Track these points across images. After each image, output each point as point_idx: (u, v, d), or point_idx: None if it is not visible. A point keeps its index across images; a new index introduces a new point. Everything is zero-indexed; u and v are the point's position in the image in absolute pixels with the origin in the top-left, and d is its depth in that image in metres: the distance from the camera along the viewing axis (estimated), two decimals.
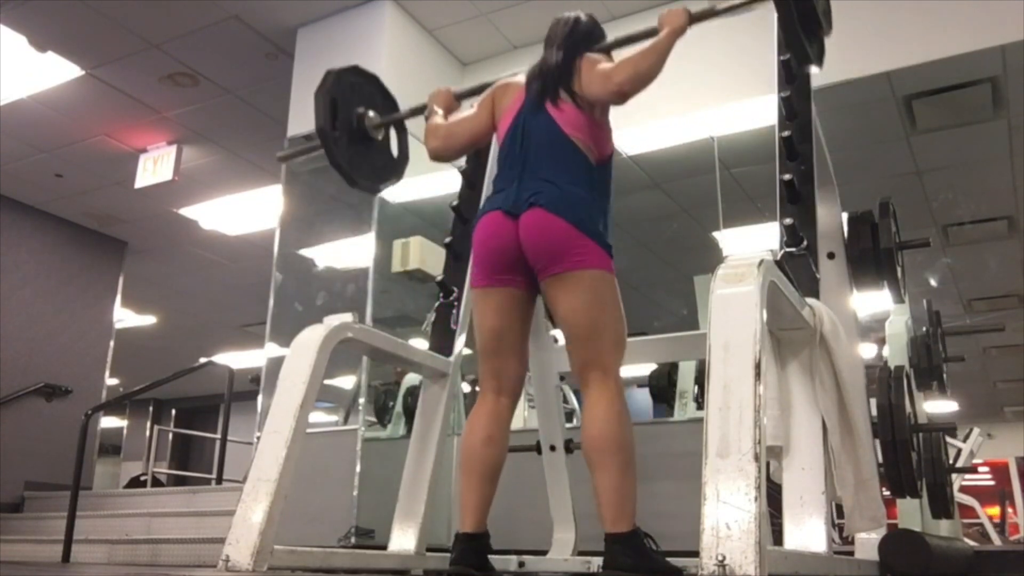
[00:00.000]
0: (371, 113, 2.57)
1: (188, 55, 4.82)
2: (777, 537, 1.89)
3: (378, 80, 2.69)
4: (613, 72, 1.97)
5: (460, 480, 2.01)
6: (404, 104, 2.63)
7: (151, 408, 12.83)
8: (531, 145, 2.05)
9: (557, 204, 1.93)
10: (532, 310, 2.11)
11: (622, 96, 1.96)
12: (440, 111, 2.35)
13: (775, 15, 2.34)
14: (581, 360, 1.94)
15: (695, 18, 2.06)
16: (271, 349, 4.22)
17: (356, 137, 2.53)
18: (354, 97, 2.55)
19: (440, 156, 2.29)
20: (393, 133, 2.70)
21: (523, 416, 3.87)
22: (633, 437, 1.85)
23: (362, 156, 2.55)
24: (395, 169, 2.71)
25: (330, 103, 2.43)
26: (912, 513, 2.85)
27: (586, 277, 1.92)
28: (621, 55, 2.07)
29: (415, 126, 2.57)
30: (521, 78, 2.20)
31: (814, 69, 2.25)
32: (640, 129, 4.11)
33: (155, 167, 5.79)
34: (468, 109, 2.33)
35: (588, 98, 2.03)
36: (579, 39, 2.12)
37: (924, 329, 3.42)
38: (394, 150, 2.71)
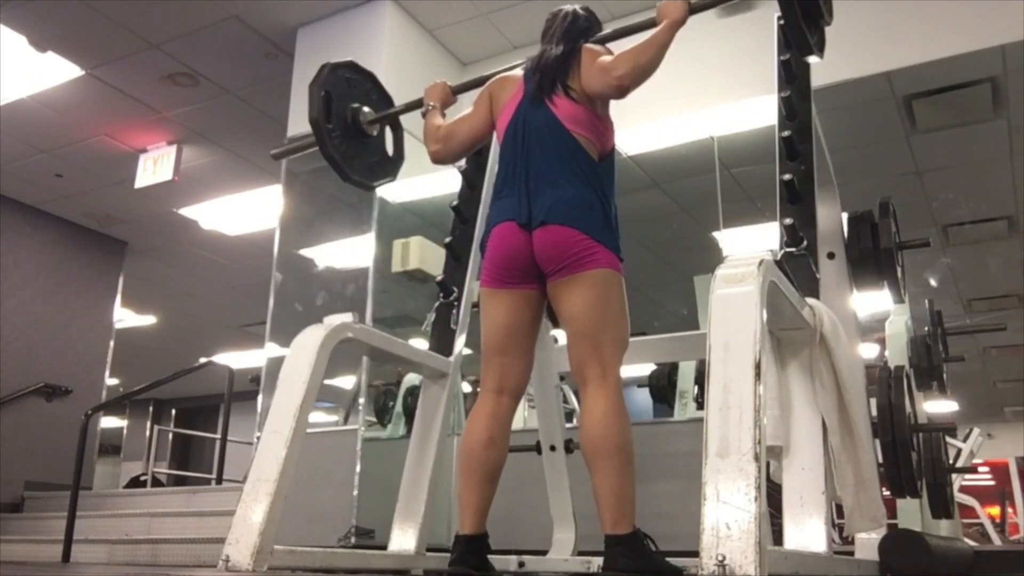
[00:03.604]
0: (366, 109, 2.56)
1: (188, 55, 4.82)
2: (777, 537, 1.89)
3: (374, 77, 2.67)
4: (613, 65, 1.95)
5: (460, 480, 2.01)
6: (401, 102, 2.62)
7: (151, 408, 12.83)
8: (533, 143, 2.03)
9: (567, 214, 1.93)
10: (542, 311, 2.09)
11: (622, 90, 1.95)
12: (437, 106, 2.33)
13: (775, 14, 2.35)
14: (580, 356, 1.92)
15: (695, 8, 2.04)
16: (271, 349, 4.21)
17: (350, 133, 2.52)
18: (349, 92, 2.54)
19: (441, 159, 2.26)
20: (389, 132, 2.69)
21: (523, 416, 3.87)
22: (631, 437, 1.84)
23: (356, 152, 2.54)
24: (390, 167, 2.69)
25: (324, 96, 2.43)
26: (912, 513, 2.85)
27: (592, 276, 1.92)
28: (621, 47, 2.04)
29: (414, 126, 2.56)
30: (519, 72, 2.18)
31: (815, 59, 2.24)
32: (640, 129, 4.11)
33: (155, 167, 5.80)
34: (466, 108, 2.31)
35: (588, 92, 2.02)
36: (578, 33, 2.11)
37: (926, 329, 3.42)
38: (389, 148, 2.69)
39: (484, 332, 2.09)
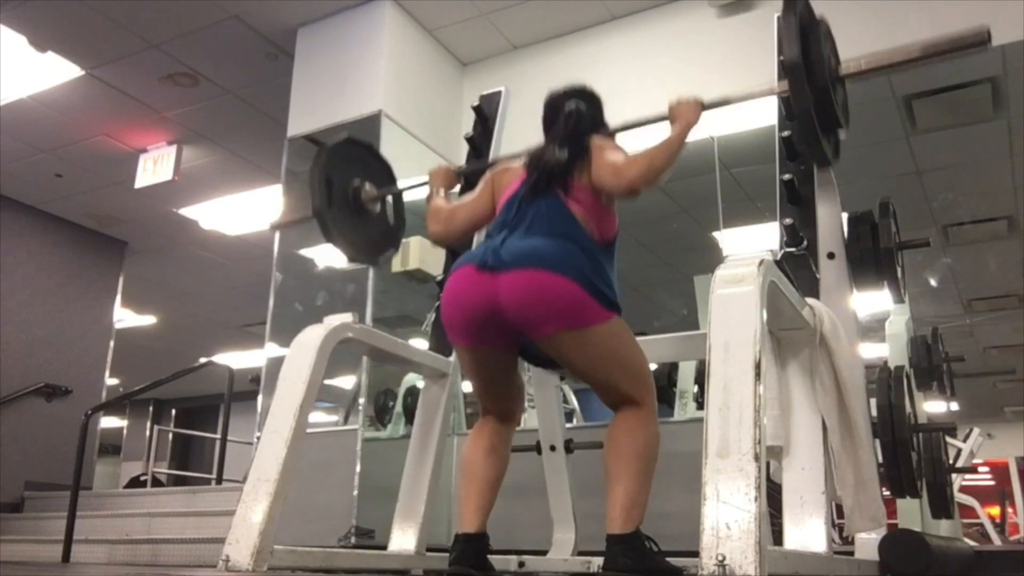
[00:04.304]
0: (367, 186, 2.54)
1: (188, 55, 4.82)
2: (777, 537, 1.89)
3: (371, 147, 2.67)
4: (626, 168, 1.89)
5: (461, 484, 2.01)
6: (401, 110, 2.62)
7: (151, 408, 12.83)
8: (528, 209, 1.94)
9: (546, 260, 1.79)
10: (516, 358, 2.03)
11: (633, 193, 1.89)
12: (441, 189, 2.33)
13: (776, 14, 2.35)
14: (611, 403, 1.91)
15: (708, 107, 2.04)
16: (271, 349, 4.21)
17: (352, 211, 2.50)
18: (349, 170, 2.52)
19: (441, 240, 2.27)
20: (389, 198, 2.69)
21: (523, 416, 3.87)
22: (656, 451, 1.84)
23: (359, 231, 2.53)
24: (392, 238, 2.69)
25: (325, 182, 2.40)
26: (912, 513, 2.85)
27: (593, 335, 1.81)
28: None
29: (413, 123, 2.56)
30: (520, 163, 2.10)
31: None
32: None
33: (155, 167, 5.79)
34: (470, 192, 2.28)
35: (597, 186, 1.94)
36: (584, 132, 2.03)
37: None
38: (390, 218, 2.68)
39: (466, 377, 2.10)
